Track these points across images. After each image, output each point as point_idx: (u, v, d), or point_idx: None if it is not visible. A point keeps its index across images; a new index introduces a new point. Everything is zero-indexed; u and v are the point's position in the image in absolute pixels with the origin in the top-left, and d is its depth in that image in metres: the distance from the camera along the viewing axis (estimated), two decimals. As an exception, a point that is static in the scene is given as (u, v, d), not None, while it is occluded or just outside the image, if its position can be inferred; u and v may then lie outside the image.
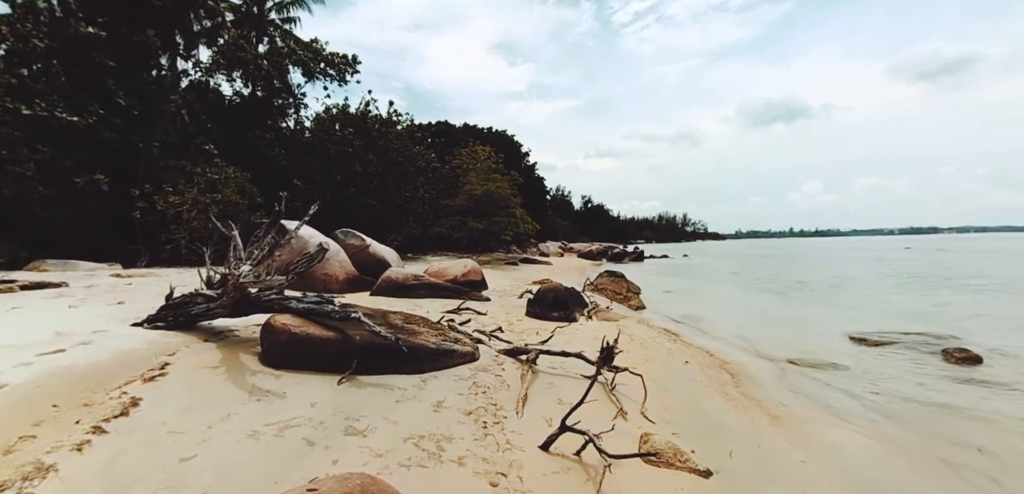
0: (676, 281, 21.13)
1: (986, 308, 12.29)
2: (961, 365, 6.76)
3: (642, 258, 40.03)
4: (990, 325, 9.89)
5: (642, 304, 12.17)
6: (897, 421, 4.75)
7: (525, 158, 56.59)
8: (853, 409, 5.05)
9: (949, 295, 15.12)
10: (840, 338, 8.48)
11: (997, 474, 3.71)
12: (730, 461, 3.52)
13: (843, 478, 3.49)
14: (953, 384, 5.99)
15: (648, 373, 5.30)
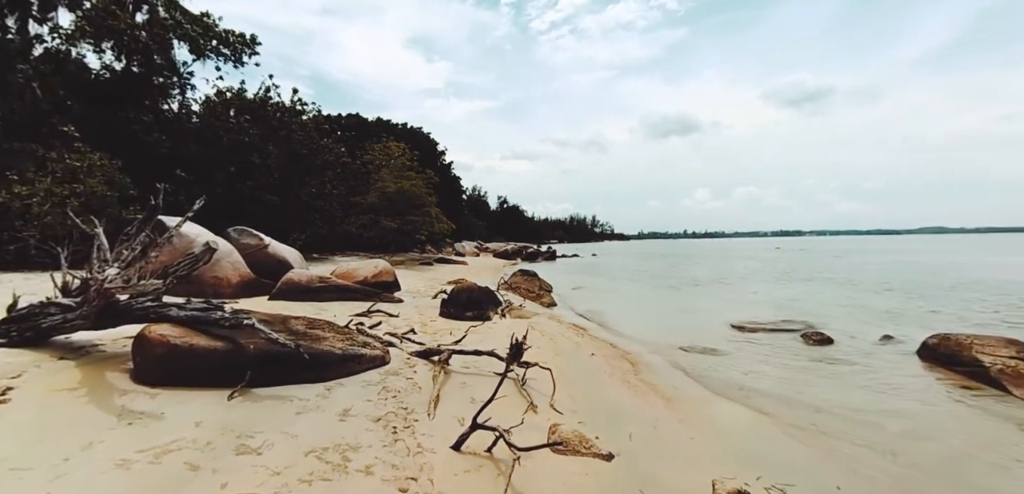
0: (585, 279, 22.27)
1: (835, 298, 14.59)
2: (817, 346, 7.93)
3: (554, 257, 41.64)
4: (838, 311, 11.75)
5: (553, 301, 12.63)
6: (767, 395, 5.45)
7: (441, 156, 55.89)
8: (733, 387, 5.71)
9: (809, 287, 17.74)
10: (723, 327, 9.53)
11: (835, 431, 4.41)
12: (630, 443, 3.79)
13: (725, 449, 3.92)
14: (810, 362, 7.02)
15: (557, 367, 5.52)
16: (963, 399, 5.45)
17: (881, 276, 21.85)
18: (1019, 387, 5.46)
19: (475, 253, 40.06)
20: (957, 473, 3.74)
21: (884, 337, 8.41)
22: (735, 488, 3.16)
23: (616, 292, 16.87)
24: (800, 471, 3.58)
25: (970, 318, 10.61)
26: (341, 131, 34.42)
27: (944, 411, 5.15)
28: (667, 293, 16.43)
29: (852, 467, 3.75)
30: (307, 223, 22.05)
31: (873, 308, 12.33)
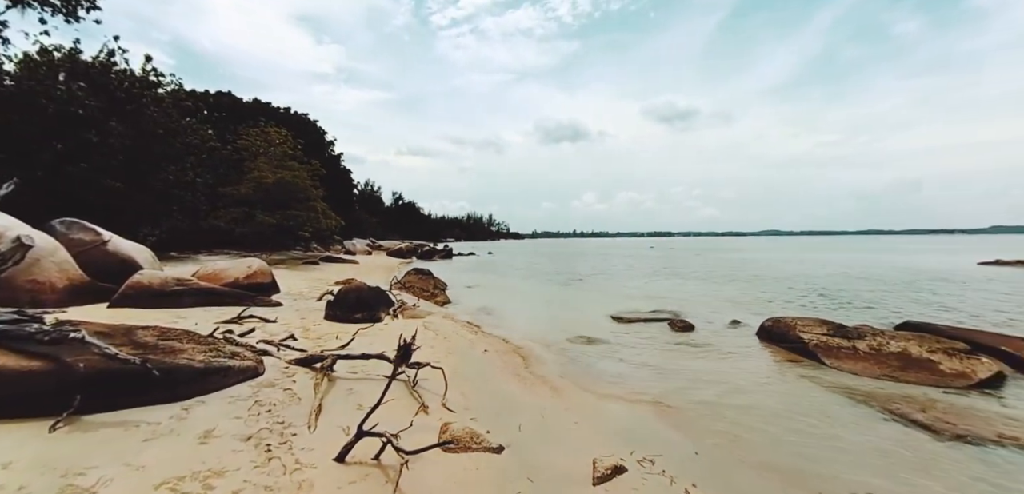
0: (480, 276, 22.55)
1: (696, 290, 16.68)
2: (681, 332, 8.98)
3: (451, 256, 41.49)
4: (698, 302, 13.43)
5: (448, 299, 12.59)
6: (641, 378, 6.04)
7: (330, 147, 52.13)
8: (613, 373, 6.22)
9: (676, 281, 20.04)
10: (605, 318, 10.34)
11: (694, 405, 5.06)
12: (519, 434, 3.94)
13: (605, 430, 4.25)
14: (676, 346, 7.92)
15: (450, 365, 5.51)
16: (789, 369, 6.59)
17: (731, 271, 25.62)
18: (829, 357, 6.75)
19: (367, 251, 38.17)
20: (784, 426, 4.51)
21: (733, 322, 9.83)
22: (612, 464, 3.46)
23: (510, 289, 17.36)
24: (666, 442, 4.03)
25: (795, 302, 12.88)
26: (209, 110, 30.32)
27: (775, 379, 6.17)
28: (556, 289, 17.34)
29: (707, 434, 4.33)
30: (163, 216, 19.06)
31: (725, 298, 14.36)
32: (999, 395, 5.55)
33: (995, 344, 6.71)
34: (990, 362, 6.10)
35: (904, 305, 12.62)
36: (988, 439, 4.31)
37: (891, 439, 4.36)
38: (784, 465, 3.81)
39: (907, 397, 5.37)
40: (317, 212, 27.37)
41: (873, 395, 5.44)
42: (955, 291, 16.00)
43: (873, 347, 6.53)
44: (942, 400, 5.33)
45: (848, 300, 13.61)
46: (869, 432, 4.50)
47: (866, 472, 3.69)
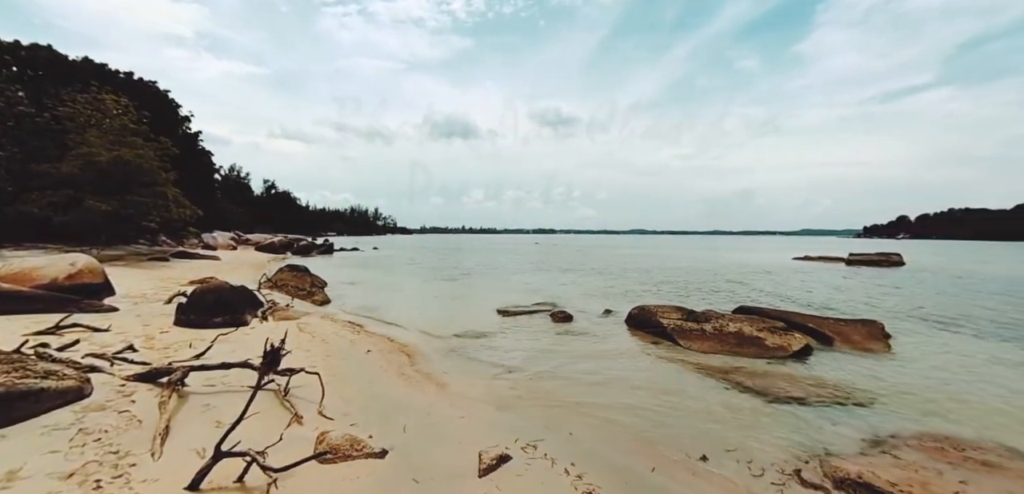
0: (364, 273, 21.49)
1: (575, 282, 17.89)
2: (562, 323, 9.55)
3: (332, 251, 38.72)
4: (576, 293, 14.42)
5: (327, 298, 11.79)
6: (524, 368, 6.29)
7: (185, 123, 44.98)
8: (498, 366, 6.38)
9: (558, 275, 21.28)
10: (491, 312, 10.57)
11: (572, 388, 5.43)
12: (405, 435, 3.86)
13: (490, 421, 4.35)
14: (557, 336, 8.40)
15: (329, 369, 5.19)
16: (652, 351, 7.40)
17: (605, 265, 28.06)
18: (683, 338, 7.70)
19: (231, 246, 33.87)
20: (647, 401, 5.04)
21: (606, 311, 10.74)
22: (497, 454, 3.56)
23: (396, 285, 16.84)
24: (548, 427, 4.26)
25: (653, 291, 14.51)
26: (18, 66, 24.23)
27: (640, 361, 6.88)
28: (444, 284, 17.28)
29: (583, 415, 4.67)
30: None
31: (599, 289, 15.64)
32: (807, 363, 6.88)
33: (803, 322, 8.30)
34: (801, 337, 7.52)
35: (739, 292, 15.03)
36: (800, 397, 5.33)
37: (730, 403, 5.15)
38: (647, 434, 4.29)
39: (742, 368, 6.39)
40: (166, 199, 23.52)
41: (717, 368, 6.37)
42: (776, 280, 19.49)
43: (716, 328, 7.65)
44: (767, 369, 6.44)
45: (698, 288, 15.78)
46: (713, 399, 5.27)
47: (711, 431, 4.31)
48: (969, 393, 5.79)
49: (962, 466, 3.80)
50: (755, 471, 3.65)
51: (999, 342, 8.61)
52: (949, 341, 8.68)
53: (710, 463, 3.76)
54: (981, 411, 5.17)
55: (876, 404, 5.25)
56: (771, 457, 3.87)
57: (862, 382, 6.01)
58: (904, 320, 10.65)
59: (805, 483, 3.48)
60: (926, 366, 6.94)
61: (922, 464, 3.77)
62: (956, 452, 4.06)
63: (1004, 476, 3.68)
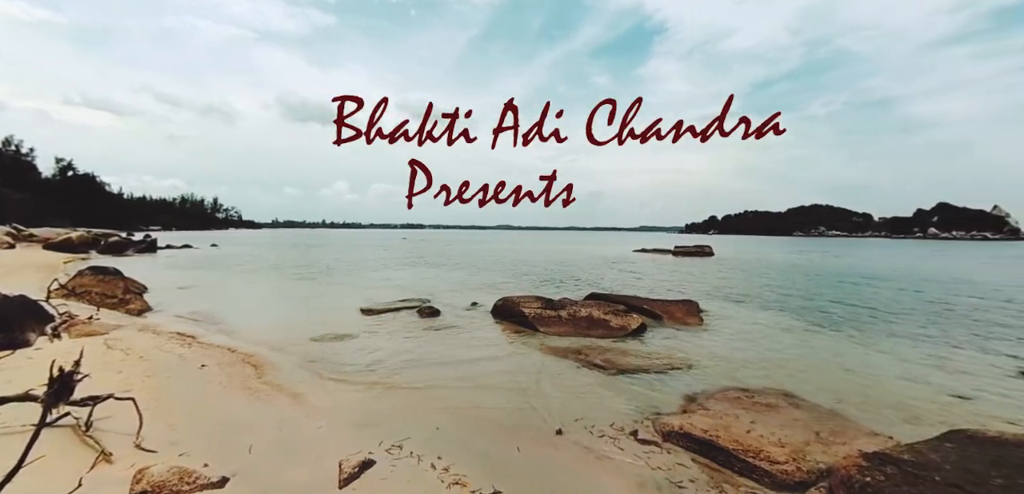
0: (199, 275, 18.45)
1: (443, 277, 17.91)
2: (429, 318, 9.47)
3: (155, 249, 32.39)
4: (444, 288, 14.45)
5: (148, 306, 9.88)
6: (389, 367, 6.09)
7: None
8: (362, 368, 6.07)
9: (426, 270, 21.05)
10: (353, 312, 10.01)
11: (439, 383, 5.44)
12: (250, 457, 3.45)
13: (352, 427, 4.11)
14: (424, 332, 8.31)
15: (150, 391, 4.41)
16: (516, 339, 7.78)
17: (473, 259, 28.68)
18: (543, 325, 8.25)
19: (8, 244, 26.04)
20: (511, 387, 5.29)
21: (473, 304, 10.99)
22: (359, 461, 3.40)
23: (239, 288, 14.84)
24: (413, 425, 4.19)
25: (518, 282, 15.30)
26: None
27: (504, 349, 7.19)
28: (300, 284, 15.80)
29: (450, 408, 4.71)
30: None
31: (467, 283, 15.92)
32: (642, 339, 7.93)
33: (640, 304, 9.54)
34: (638, 317, 8.64)
35: (592, 280, 16.67)
36: (637, 368, 6.12)
37: (582, 380, 5.69)
38: (511, 418, 4.50)
39: (592, 347, 7.10)
40: None
41: (572, 349, 6.97)
42: (620, 269, 22.05)
43: (571, 314, 8.38)
44: (612, 346, 7.26)
45: (557, 278, 17.07)
46: (568, 377, 5.76)
47: (566, 407, 4.70)
48: (757, 353, 7.31)
49: (753, 410, 4.78)
50: (601, 435, 4.10)
51: (778, 312, 11.03)
52: (744, 313, 10.83)
53: (565, 435, 4.12)
54: (765, 366, 6.57)
55: (693, 368, 6.31)
56: (614, 422, 4.39)
57: (683, 351, 7.17)
58: (713, 299, 12.98)
59: (640, 441, 4.03)
60: (728, 334, 8.56)
61: (725, 412, 4.65)
62: (748, 400, 5.09)
63: (780, 414, 4.72)
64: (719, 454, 3.80)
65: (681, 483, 3.39)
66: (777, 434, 4.11)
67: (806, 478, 3.45)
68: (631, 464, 3.64)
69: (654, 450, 3.87)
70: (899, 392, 5.79)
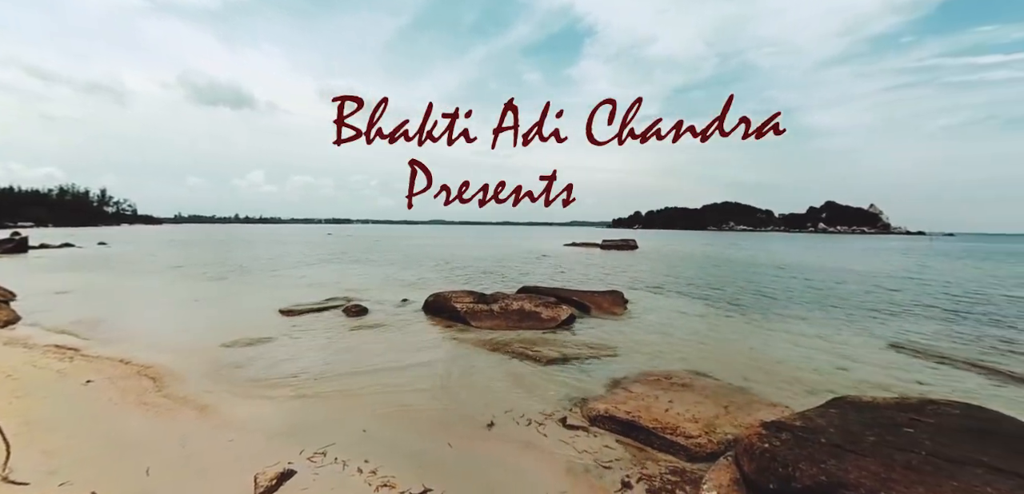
0: (82, 278, 16.17)
1: (372, 273, 17.27)
2: (356, 317, 9.08)
3: (25, 248, 27.98)
4: (373, 285, 13.95)
5: (15, 316, 8.53)
6: (311, 371, 5.75)
7: None
8: (280, 373, 5.67)
9: (353, 267, 20.18)
10: (271, 314, 9.34)
11: (366, 384, 5.24)
12: (148, 480, 3.11)
13: (269, 437, 3.83)
14: (350, 331, 7.96)
15: (19, 414, 3.83)
16: (447, 335, 7.70)
17: (404, 255, 27.96)
18: (475, 320, 8.23)
19: None
20: (442, 383, 5.22)
21: (403, 300, 10.71)
22: (277, 472, 3.18)
23: (134, 291, 13.23)
24: (338, 430, 4.00)
25: (448, 278, 15.15)
26: None
27: (436, 346, 7.08)
28: (209, 284, 14.43)
29: (378, 408, 4.54)
30: None
31: (397, 279, 15.49)
32: (572, 329, 8.18)
33: (569, 296, 9.84)
34: (567, 308, 8.89)
35: (524, 272, 16.93)
36: (566, 357, 6.30)
37: (513, 372, 5.74)
38: (442, 414, 4.44)
39: (524, 340, 7.20)
40: None
41: (504, 343, 7.02)
42: (552, 262, 22.61)
43: (503, 308, 8.45)
44: (543, 337, 7.42)
45: (489, 272, 17.13)
46: (500, 371, 5.79)
47: (497, 400, 4.73)
48: (675, 337, 7.83)
49: (671, 390, 5.11)
50: (532, 426, 4.18)
51: (692, 299, 11.89)
52: (663, 301, 11.56)
53: (496, 427, 4.14)
54: (682, 349, 7.06)
55: (618, 355, 6.63)
56: (545, 410, 4.49)
57: (609, 339, 7.51)
58: (637, 289, 13.71)
59: (569, 427, 4.15)
60: (649, 321, 9.09)
61: (646, 394, 4.92)
62: (667, 381, 5.43)
63: (694, 393, 5.08)
64: (640, 433, 4.02)
65: (607, 464, 3.54)
66: (691, 411, 4.43)
67: (716, 449, 3.74)
68: (560, 450, 3.74)
69: (582, 435, 4.02)
70: (794, 366, 6.49)
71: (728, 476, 3.07)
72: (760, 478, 2.68)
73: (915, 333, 8.89)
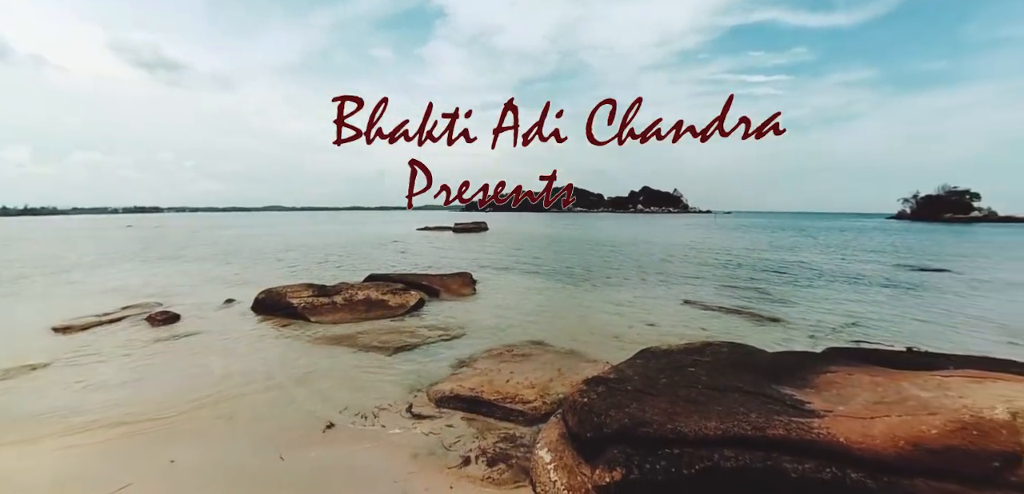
0: None
1: (187, 272, 14.60)
2: (164, 326, 7.61)
3: None
4: (187, 286, 11.83)
5: None
6: (103, 401, 4.65)
7: None
8: (54, 409, 4.46)
9: (161, 266, 16.74)
10: (44, 333, 7.27)
11: (177, 404, 4.46)
12: None
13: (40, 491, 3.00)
14: (156, 343, 6.63)
15: None
16: (282, 334, 6.96)
17: (230, 248, 24.18)
18: (315, 315, 7.61)
19: None
20: (276, 386, 4.72)
21: (227, 301, 9.33)
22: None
23: None
24: (134, 467, 3.33)
25: (285, 271, 13.72)
26: None
27: (269, 347, 6.35)
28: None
29: (194, 429, 3.91)
30: None
31: (220, 277, 13.41)
32: (420, 314, 8.13)
33: (418, 281, 9.75)
34: (416, 293, 8.80)
35: (373, 260, 16.20)
36: (414, 344, 6.25)
37: (358, 365, 5.49)
38: (274, 422, 4.02)
39: (371, 330, 6.92)
40: None
41: (348, 337, 6.65)
42: (404, 248, 22.07)
43: (346, 299, 7.98)
44: (391, 326, 7.23)
45: (336, 261, 15.97)
46: (343, 366, 5.48)
47: (339, 397, 4.46)
48: (518, 312, 8.37)
49: (512, 362, 5.45)
50: (375, 419, 4.06)
51: (534, 275, 12.83)
52: (509, 279, 12.24)
53: (335, 428, 3.91)
54: (524, 322, 7.59)
55: (466, 334, 6.83)
56: (389, 401, 4.40)
57: (458, 320, 7.68)
58: (485, 269, 14.26)
59: (414, 414, 4.15)
60: (496, 299, 9.55)
61: (490, 369, 5.17)
62: (509, 354, 5.79)
63: (532, 361, 5.51)
64: (483, 407, 4.22)
65: (450, 443, 3.63)
66: (529, 378, 4.81)
67: (550, 409, 4.13)
68: (404, 439, 3.72)
69: (426, 420, 4.05)
70: (614, 326, 7.50)
71: (557, 432, 3.41)
72: (580, 429, 3.04)
73: (702, 290, 11.04)
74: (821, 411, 2.66)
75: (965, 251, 24.08)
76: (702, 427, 2.55)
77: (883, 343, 6.74)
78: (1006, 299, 10.96)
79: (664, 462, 2.47)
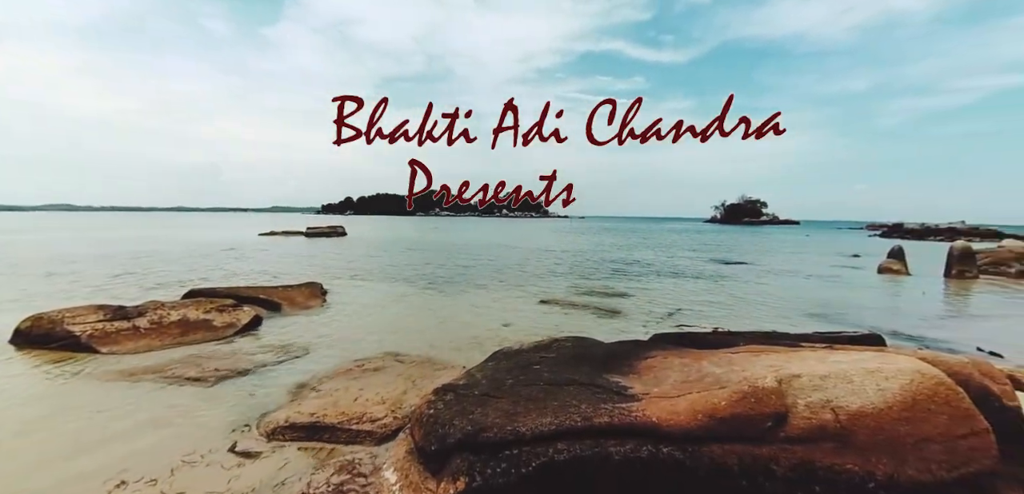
0: None
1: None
2: None
3: None
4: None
5: None
6: None
7: None
8: None
9: None
10: None
11: None
12: None
13: None
14: None
15: None
16: (56, 372, 5.43)
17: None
18: (107, 344, 6.12)
19: None
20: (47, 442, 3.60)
21: (-31, 336, 6.99)
22: None
23: None
24: None
25: (64, 290, 10.91)
26: None
27: (36, 391, 4.88)
28: None
29: None
30: None
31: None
32: (256, 333, 7.12)
33: (254, 295, 8.56)
34: (250, 309, 7.70)
35: (196, 272, 13.80)
36: (244, 369, 5.41)
37: (167, 404, 4.52)
38: None
39: (186, 359, 5.80)
40: None
41: (153, 368, 5.46)
42: (240, 257, 19.30)
43: (154, 322, 6.59)
44: (215, 351, 6.17)
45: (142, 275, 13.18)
46: (146, 407, 4.46)
47: (138, 448, 3.60)
48: (373, 323, 7.90)
49: (363, 378, 5.08)
50: (184, 468, 3.37)
51: (394, 282, 12.32)
52: (366, 287, 11.54)
53: (127, 487, 3.14)
54: (379, 334, 7.17)
55: (310, 352, 6.18)
56: (206, 444, 3.70)
57: (302, 337, 6.92)
58: (339, 278, 13.24)
59: (239, 453, 3.55)
60: (349, 311, 8.88)
61: (336, 389, 4.73)
62: (359, 370, 5.38)
63: (385, 374, 5.20)
64: (326, 432, 3.82)
65: (282, 482, 3.18)
66: (380, 393, 4.52)
67: (401, 424, 3.91)
68: (221, 487, 3.14)
69: (253, 459, 3.49)
70: (472, 329, 7.54)
71: (404, 449, 3.22)
72: (425, 442, 2.91)
73: (556, 289, 11.81)
74: (640, 394, 2.96)
75: (758, 247, 30.63)
76: (538, 424, 2.63)
77: (697, 326, 7.97)
78: (781, 284, 13.97)
79: (504, 464, 2.48)
